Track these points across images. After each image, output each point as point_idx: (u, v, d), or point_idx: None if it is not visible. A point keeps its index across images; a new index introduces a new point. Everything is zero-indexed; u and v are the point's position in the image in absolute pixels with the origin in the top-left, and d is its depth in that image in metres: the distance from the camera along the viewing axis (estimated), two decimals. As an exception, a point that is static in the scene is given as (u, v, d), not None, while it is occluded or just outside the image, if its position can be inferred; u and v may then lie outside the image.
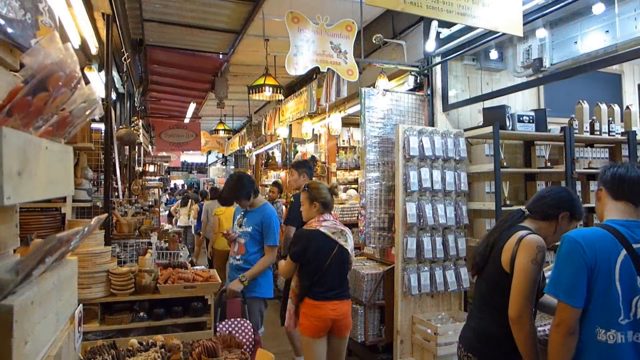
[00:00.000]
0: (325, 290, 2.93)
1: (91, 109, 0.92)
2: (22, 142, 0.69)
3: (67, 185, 0.95)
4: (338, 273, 2.99)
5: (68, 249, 0.82)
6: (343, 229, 3.07)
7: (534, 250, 1.91)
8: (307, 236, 2.97)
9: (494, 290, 2.02)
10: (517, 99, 4.88)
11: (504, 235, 2.04)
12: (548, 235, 2.06)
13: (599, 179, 1.91)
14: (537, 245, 1.92)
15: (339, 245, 2.97)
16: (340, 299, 2.97)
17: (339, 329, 2.96)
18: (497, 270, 2.02)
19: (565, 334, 1.69)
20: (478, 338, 2.08)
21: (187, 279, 3.26)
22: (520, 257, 1.92)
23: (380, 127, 4.23)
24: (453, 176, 4.07)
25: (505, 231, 2.07)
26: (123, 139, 4.74)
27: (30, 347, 0.71)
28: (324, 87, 4.94)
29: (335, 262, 2.96)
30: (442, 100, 4.51)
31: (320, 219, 3.03)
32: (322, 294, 2.92)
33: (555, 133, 4.20)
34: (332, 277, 2.95)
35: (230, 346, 2.33)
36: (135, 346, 2.01)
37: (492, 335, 2.01)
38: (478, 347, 2.06)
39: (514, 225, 2.08)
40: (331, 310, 2.90)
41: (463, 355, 2.13)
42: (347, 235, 3.06)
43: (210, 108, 10.20)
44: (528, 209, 2.13)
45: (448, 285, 4.00)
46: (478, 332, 2.09)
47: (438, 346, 3.60)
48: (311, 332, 2.91)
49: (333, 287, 2.95)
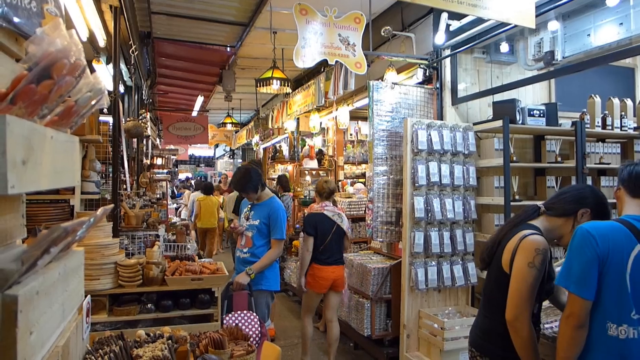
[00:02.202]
0: (327, 257, 3.94)
1: (97, 99, 0.91)
2: (26, 130, 0.68)
3: (73, 176, 0.95)
4: (336, 245, 4.00)
5: (74, 240, 0.81)
6: (340, 212, 4.10)
7: (532, 252, 1.83)
8: (315, 218, 4.00)
9: (497, 289, 1.97)
10: (527, 93, 4.82)
11: (511, 233, 1.97)
12: (565, 235, 1.96)
13: (618, 178, 1.87)
14: (537, 248, 1.83)
15: (337, 225, 3.98)
16: (337, 264, 3.99)
17: (336, 285, 3.99)
18: (499, 269, 1.97)
19: (575, 326, 1.66)
20: (482, 335, 2.06)
21: (194, 272, 3.27)
22: (518, 259, 1.85)
23: (389, 120, 4.20)
24: (461, 170, 4.03)
25: (513, 228, 1.99)
26: (131, 131, 4.75)
27: (36, 337, 0.71)
28: (332, 80, 4.90)
29: (334, 237, 3.97)
30: (451, 94, 4.46)
31: (323, 205, 4.08)
32: (325, 260, 3.93)
33: (566, 127, 4.14)
34: (332, 248, 3.96)
35: (237, 338, 2.33)
36: (143, 337, 2.01)
37: (495, 333, 1.97)
38: (481, 344, 2.04)
39: (523, 222, 1.99)
40: (331, 272, 3.94)
41: (469, 350, 2.13)
42: (343, 217, 4.08)
43: (217, 101, 10.20)
44: (545, 205, 2.03)
45: (455, 280, 3.98)
46: (483, 329, 2.07)
47: (445, 341, 3.58)
48: (317, 288, 3.95)
49: (333, 255, 3.97)
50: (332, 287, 3.98)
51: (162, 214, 6.81)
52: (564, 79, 4.76)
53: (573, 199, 1.96)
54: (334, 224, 3.97)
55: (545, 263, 1.85)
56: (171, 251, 4.09)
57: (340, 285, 4.02)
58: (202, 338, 2.14)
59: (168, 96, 10.27)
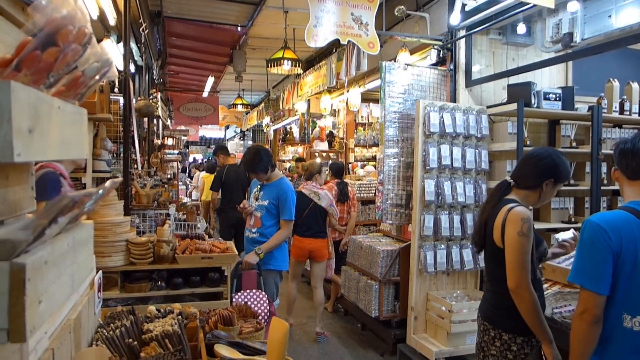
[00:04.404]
0: (305, 230, 4.44)
1: (104, 70, 0.90)
2: (32, 98, 0.67)
3: (81, 148, 0.94)
4: (313, 220, 4.45)
5: (82, 212, 0.81)
6: (318, 191, 4.48)
7: (519, 222, 1.95)
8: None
9: (496, 264, 2.07)
10: (543, 76, 4.71)
11: (494, 211, 2.10)
12: (535, 202, 2.12)
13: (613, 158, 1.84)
14: (522, 217, 1.96)
15: (313, 202, 4.43)
16: (315, 237, 4.46)
17: (314, 256, 4.49)
18: (493, 246, 2.08)
19: (590, 322, 1.63)
20: (492, 308, 2.14)
21: (204, 250, 3.30)
22: (508, 231, 1.98)
23: (401, 102, 4.14)
24: (474, 154, 3.98)
25: (495, 206, 2.12)
26: (141, 110, 4.76)
27: (44, 306, 0.71)
28: (344, 60, 4.84)
29: (310, 213, 4.43)
30: (465, 76, 4.38)
31: (304, 185, 4.63)
32: (302, 232, 4.44)
33: (583, 112, 4.05)
34: (308, 222, 4.44)
35: (246, 316, 2.36)
36: (154, 313, 2.04)
37: (504, 306, 2.04)
38: (492, 317, 2.12)
39: (501, 198, 2.12)
40: (308, 244, 4.45)
41: (480, 324, 2.19)
42: (321, 196, 4.45)
43: (228, 82, 10.16)
44: (512, 179, 2.15)
45: (465, 263, 3.96)
46: (492, 303, 2.15)
47: (452, 324, 3.59)
48: (296, 257, 4.49)
49: (310, 229, 4.45)
50: (312, 257, 4.48)
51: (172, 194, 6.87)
52: (582, 62, 4.64)
53: (536, 172, 2.07)
54: (311, 201, 4.43)
55: (532, 229, 1.97)
56: (181, 230, 4.13)
57: (319, 257, 4.51)
58: (211, 315, 2.16)
59: (178, 77, 10.25)
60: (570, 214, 4.24)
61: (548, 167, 2.05)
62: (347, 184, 5.39)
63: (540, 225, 4.07)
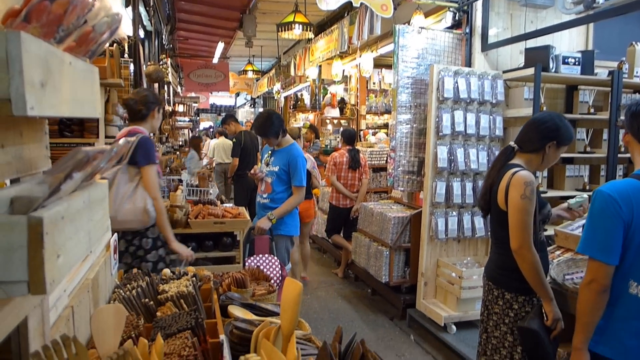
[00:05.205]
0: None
1: (114, 27, 0.88)
2: (43, 51, 0.66)
3: (93, 106, 0.94)
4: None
5: (97, 169, 0.81)
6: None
7: (522, 185, 2.00)
8: None
9: (501, 227, 2.13)
10: (563, 40, 4.55)
11: (499, 175, 2.15)
12: (538, 166, 2.16)
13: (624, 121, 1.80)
14: (525, 181, 2.01)
15: None
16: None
17: (302, 217, 4.26)
18: (498, 210, 2.14)
19: (598, 292, 1.63)
20: (497, 269, 2.22)
21: (216, 215, 3.34)
22: (511, 195, 2.03)
23: (414, 67, 4.05)
24: (488, 120, 3.91)
25: (499, 171, 2.16)
26: (152, 75, 4.72)
27: (63, 260, 0.72)
28: (357, 23, 4.72)
29: None
30: (481, 39, 4.25)
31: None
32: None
33: (602, 77, 3.93)
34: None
35: (258, 279, 2.40)
36: (168, 275, 2.08)
37: (509, 268, 2.10)
38: (496, 277, 2.20)
39: (505, 163, 2.17)
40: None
41: (485, 283, 2.28)
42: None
43: (238, 48, 10.01)
44: (516, 143, 2.19)
45: (476, 230, 3.96)
46: (497, 264, 2.22)
47: (462, 289, 3.62)
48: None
49: None
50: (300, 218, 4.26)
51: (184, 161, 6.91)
52: (604, 24, 4.46)
53: (539, 136, 2.11)
54: None
55: (534, 192, 2.02)
56: (194, 196, 4.17)
57: (307, 217, 4.84)
58: (225, 277, 2.20)
59: (188, 42, 10.12)
60: (585, 182, 4.19)
61: (550, 130, 2.10)
62: (358, 151, 5.36)
63: (554, 193, 4.03)
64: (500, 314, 2.15)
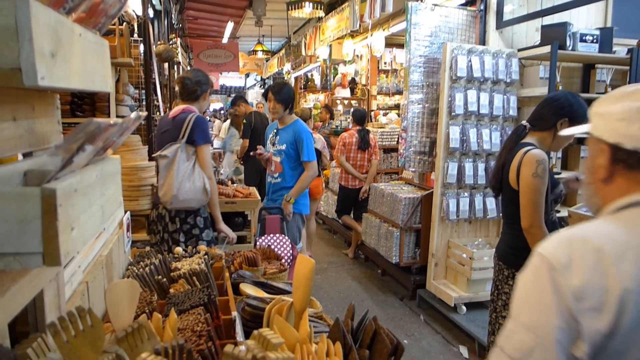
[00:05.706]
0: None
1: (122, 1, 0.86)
2: (52, 20, 0.65)
3: (104, 79, 0.93)
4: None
5: (108, 144, 0.81)
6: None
7: (534, 164, 2.00)
8: None
9: (512, 206, 2.13)
10: (580, 17, 4.42)
11: (511, 154, 2.14)
12: (550, 144, 2.14)
13: None
14: (537, 160, 2.01)
15: None
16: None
17: (311, 194, 4.35)
18: (509, 189, 2.14)
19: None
20: (508, 249, 2.23)
21: (227, 195, 3.35)
22: (523, 173, 2.03)
23: (427, 45, 3.97)
24: (502, 100, 3.84)
25: (511, 150, 2.16)
26: (162, 55, 4.70)
27: (77, 233, 0.72)
28: (368, 1, 4.63)
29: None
30: (496, 17, 4.14)
31: None
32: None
33: (621, 55, 3.82)
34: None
35: (270, 258, 2.41)
36: (181, 253, 2.10)
37: (520, 247, 2.11)
38: (508, 258, 2.21)
39: (517, 142, 2.16)
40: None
41: (496, 263, 2.30)
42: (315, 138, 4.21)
43: (248, 28, 9.91)
44: (529, 122, 2.19)
45: (487, 212, 3.93)
46: (509, 244, 2.23)
47: (473, 270, 3.62)
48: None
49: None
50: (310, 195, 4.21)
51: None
52: (623, 1, 4.32)
53: (550, 112, 2.11)
54: None
55: (547, 171, 2.02)
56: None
57: (316, 194, 4.98)
58: (236, 256, 2.21)
59: (197, 22, 10.03)
60: (600, 163, 4.11)
61: (562, 107, 2.09)
62: (368, 131, 5.32)
63: (568, 174, 3.97)
64: (510, 294, 2.15)
